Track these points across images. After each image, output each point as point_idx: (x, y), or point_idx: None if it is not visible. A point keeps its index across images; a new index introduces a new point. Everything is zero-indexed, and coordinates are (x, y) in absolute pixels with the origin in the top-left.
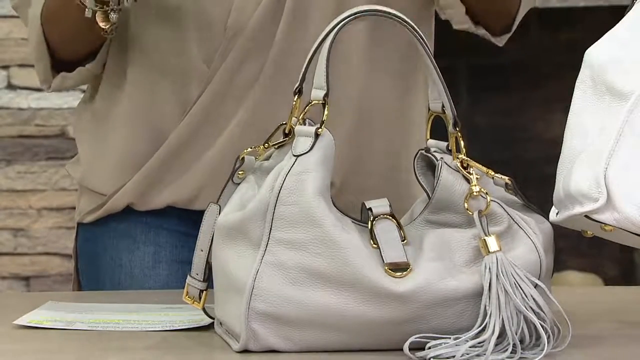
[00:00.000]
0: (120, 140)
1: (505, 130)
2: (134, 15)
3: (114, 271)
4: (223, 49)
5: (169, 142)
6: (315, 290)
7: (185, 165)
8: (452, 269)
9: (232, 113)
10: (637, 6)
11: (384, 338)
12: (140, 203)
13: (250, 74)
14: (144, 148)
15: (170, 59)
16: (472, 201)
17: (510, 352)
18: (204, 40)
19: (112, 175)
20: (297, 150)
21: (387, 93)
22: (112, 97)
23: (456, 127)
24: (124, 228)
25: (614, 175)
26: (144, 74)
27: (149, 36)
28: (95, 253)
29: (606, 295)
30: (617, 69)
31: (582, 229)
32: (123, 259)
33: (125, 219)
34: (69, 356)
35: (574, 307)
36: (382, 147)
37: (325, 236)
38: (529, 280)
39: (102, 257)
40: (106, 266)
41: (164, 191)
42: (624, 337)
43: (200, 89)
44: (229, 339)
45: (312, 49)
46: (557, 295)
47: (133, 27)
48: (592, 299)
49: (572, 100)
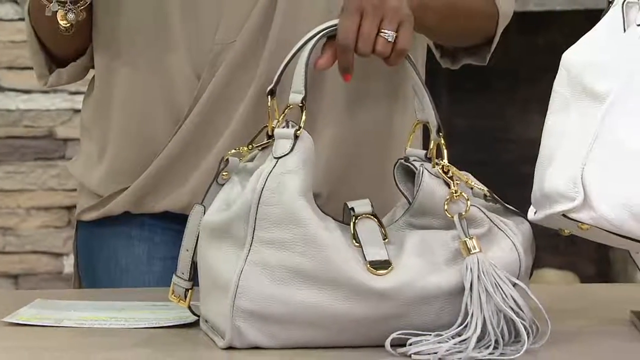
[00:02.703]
0: (114, 149)
1: (485, 132)
2: (124, 25)
3: (110, 268)
4: (212, 63)
5: (163, 155)
6: (299, 289)
7: (179, 177)
8: (432, 268)
9: (224, 125)
10: (612, 10)
11: (366, 335)
12: (136, 210)
13: (241, 87)
14: (137, 156)
15: (160, 71)
16: (452, 205)
17: (491, 349)
18: (193, 54)
19: (107, 178)
20: (277, 152)
21: (376, 102)
22: (105, 105)
23: (439, 134)
24: (120, 227)
25: (590, 175)
26: (135, 84)
27: (139, 46)
28: (92, 250)
29: (583, 292)
30: (593, 72)
31: (560, 227)
32: (119, 256)
33: (122, 219)
34: (58, 353)
35: (552, 304)
36: (371, 156)
37: (308, 235)
38: (509, 280)
39: (99, 254)
40: (103, 263)
41: (160, 201)
42: (600, 334)
43: (190, 102)
44: (214, 336)
45: (289, 55)
46: (535, 293)
47: (122, 37)
48: (570, 297)
49: (550, 101)
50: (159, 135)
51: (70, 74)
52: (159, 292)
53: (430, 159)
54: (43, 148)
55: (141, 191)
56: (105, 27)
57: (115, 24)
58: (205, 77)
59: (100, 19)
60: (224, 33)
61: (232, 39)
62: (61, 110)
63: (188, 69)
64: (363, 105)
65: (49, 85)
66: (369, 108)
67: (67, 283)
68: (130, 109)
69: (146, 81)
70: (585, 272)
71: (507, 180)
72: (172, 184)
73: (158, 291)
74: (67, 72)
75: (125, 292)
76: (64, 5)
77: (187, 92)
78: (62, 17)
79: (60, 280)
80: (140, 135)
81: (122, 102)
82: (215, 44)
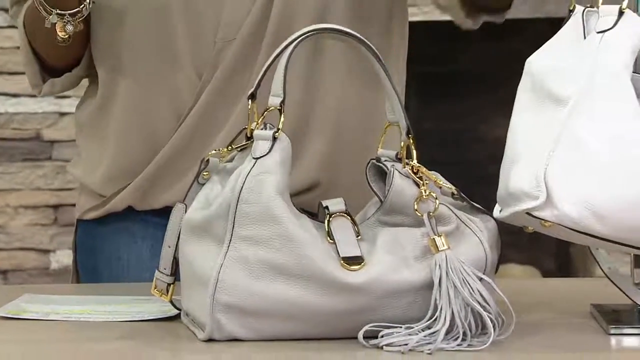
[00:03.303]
0: (116, 148)
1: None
2: (125, 24)
3: (112, 264)
4: (213, 62)
5: (165, 150)
6: (276, 283)
7: (181, 171)
8: (403, 263)
9: (224, 120)
10: (573, 18)
11: (340, 327)
12: (140, 205)
13: (240, 83)
14: (139, 154)
15: (163, 70)
16: (421, 204)
17: (459, 341)
18: (194, 53)
19: (110, 178)
20: (256, 153)
21: (372, 94)
22: (107, 105)
23: (409, 136)
24: (123, 225)
25: (553, 174)
26: (137, 83)
27: (142, 47)
28: (94, 247)
29: (545, 286)
30: (555, 76)
31: (524, 224)
32: (121, 253)
33: (125, 217)
34: (46, 345)
35: (516, 297)
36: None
37: (285, 232)
38: (476, 275)
39: (101, 251)
40: (105, 259)
41: (163, 194)
42: (562, 325)
43: (192, 99)
44: (195, 329)
45: (270, 60)
46: (500, 287)
47: (126, 37)
48: (533, 290)
49: (514, 104)
50: (162, 132)
51: (64, 84)
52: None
53: (400, 159)
54: (30, 149)
55: (143, 186)
56: (108, 33)
57: (118, 29)
58: (207, 75)
59: (98, 27)
60: (224, 31)
61: (232, 37)
62: (48, 114)
63: (190, 67)
64: (353, 103)
65: (43, 94)
66: (366, 100)
67: (54, 278)
68: (134, 107)
69: (149, 81)
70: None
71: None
72: (173, 179)
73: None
74: (60, 82)
75: (122, 287)
76: (63, 17)
77: (189, 89)
78: (60, 28)
79: (47, 276)
80: (143, 131)
81: (125, 101)
82: (217, 43)
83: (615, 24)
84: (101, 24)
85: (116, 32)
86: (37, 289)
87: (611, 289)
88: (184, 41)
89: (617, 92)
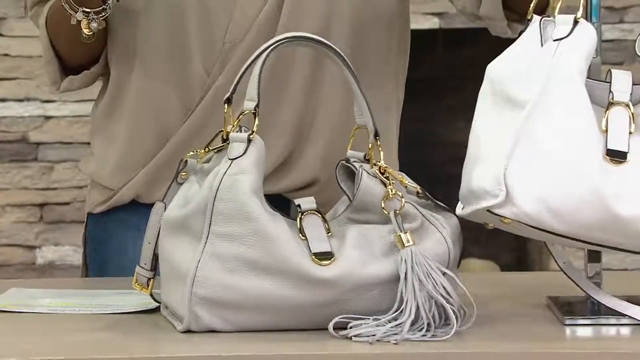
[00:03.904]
0: (127, 140)
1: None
2: (142, 24)
3: (119, 257)
4: (222, 61)
5: (171, 143)
6: (250, 277)
7: None
8: (371, 259)
9: None
10: (530, 27)
11: (311, 319)
12: (146, 196)
13: (245, 82)
14: (149, 147)
15: (174, 68)
16: (388, 202)
17: (424, 332)
18: (205, 52)
19: (119, 170)
20: (232, 154)
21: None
22: (120, 101)
23: (376, 138)
24: (130, 219)
25: (512, 174)
26: (150, 79)
27: (156, 45)
28: (102, 240)
29: (504, 280)
30: (514, 81)
31: (484, 221)
32: (128, 247)
33: (132, 211)
34: (32, 336)
35: (476, 290)
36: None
37: (259, 229)
38: (439, 270)
39: (109, 244)
40: (112, 253)
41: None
42: (520, 316)
43: (200, 95)
44: (174, 321)
45: (244, 67)
46: (462, 280)
47: (142, 35)
48: (492, 284)
49: (476, 108)
50: (171, 126)
51: (82, 81)
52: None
53: (368, 160)
54: (17, 151)
55: (150, 177)
56: (126, 31)
57: (135, 27)
58: (215, 73)
59: (118, 26)
60: (233, 33)
61: (240, 39)
62: (34, 117)
63: (199, 65)
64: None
65: (61, 90)
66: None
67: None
68: (146, 102)
69: (162, 78)
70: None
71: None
72: None
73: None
74: (78, 79)
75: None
76: (88, 15)
77: (198, 86)
78: (85, 25)
79: (33, 271)
80: (154, 124)
81: (137, 95)
82: (225, 44)
83: (570, 33)
84: (120, 22)
85: (133, 31)
86: (24, 284)
87: (566, 282)
88: (195, 41)
89: (572, 97)
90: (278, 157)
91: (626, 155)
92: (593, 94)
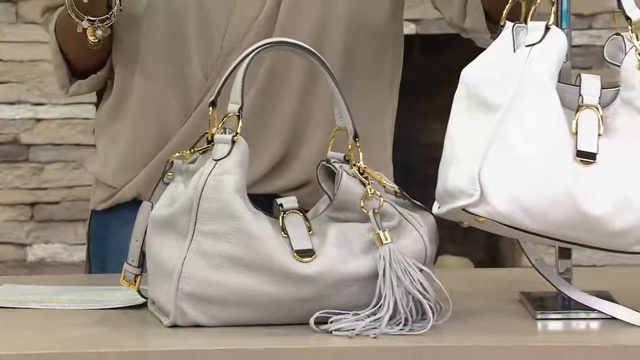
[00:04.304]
0: (129, 141)
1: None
2: (144, 29)
3: (120, 254)
4: (220, 64)
5: (171, 144)
6: (234, 274)
7: None
8: (350, 256)
9: None
10: (503, 33)
11: (293, 314)
12: (147, 194)
13: (245, 84)
14: (150, 148)
15: (174, 71)
16: (367, 201)
17: (402, 326)
18: (203, 55)
19: (121, 171)
20: (216, 155)
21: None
22: (123, 103)
23: (355, 140)
24: (132, 216)
25: (486, 174)
26: (151, 82)
27: (158, 49)
28: (104, 236)
29: (478, 276)
30: (488, 85)
31: (460, 220)
32: (128, 244)
33: (134, 208)
34: (24, 331)
35: (452, 286)
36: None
37: (243, 228)
38: (416, 266)
39: (110, 241)
40: (113, 249)
41: None
42: (494, 311)
43: (199, 98)
44: (160, 316)
45: (228, 71)
46: (438, 277)
47: (142, 40)
48: (467, 280)
49: (451, 111)
50: (171, 127)
51: (90, 85)
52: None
53: (348, 161)
54: (9, 152)
55: (151, 176)
56: (128, 39)
57: (136, 35)
58: (213, 76)
59: (122, 32)
60: (231, 37)
61: (238, 42)
62: (25, 120)
63: (198, 69)
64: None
65: (70, 94)
66: (359, 109)
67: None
68: (148, 104)
69: (163, 81)
70: (479, 258)
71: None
72: None
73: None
74: (86, 84)
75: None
76: (93, 23)
77: (197, 89)
78: (91, 33)
79: (24, 267)
80: (155, 125)
81: (140, 98)
82: (223, 48)
83: (542, 39)
84: (123, 29)
85: (135, 36)
86: (15, 280)
87: (537, 278)
88: (194, 44)
89: (543, 100)
90: (274, 156)
91: (595, 157)
92: (564, 97)
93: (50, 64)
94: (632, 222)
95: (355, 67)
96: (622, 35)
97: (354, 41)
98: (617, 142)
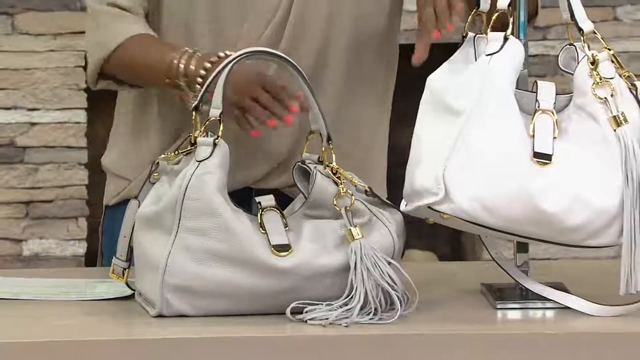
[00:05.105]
0: (154, 139)
1: None
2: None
3: None
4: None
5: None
6: (216, 267)
7: None
8: (324, 250)
9: None
10: (466, 43)
11: (271, 305)
12: None
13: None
14: (169, 144)
15: None
16: (340, 200)
17: (372, 315)
18: None
19: (141, 164)
20: (199, 156)
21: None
22: (146, 104)
23: (329, 142)
24: None
25: (450, 174)
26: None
27: None
28: (115, 230)
29: (442, 269)
30: (451, 92)
31: (426, 217)
32: None
33: None
34: (17, 320)
35: (418, 278)
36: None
37: (223, 224)
38: (385, 260)
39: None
40: None
41: None
42: (457, 301)
43: None
44: (147, 306)
45: (209, 79)
46: (405, 269)
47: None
48: (432, 272)
49: (418, 116)
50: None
51: (118, 89)
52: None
53: (322, 162)
54: (5, 154)
55: None
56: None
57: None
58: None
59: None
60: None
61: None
62: (20, 124)
63: None
64: (352, 108)
65: (98, 88)
66: (358, 110)
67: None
68: (169, 106)
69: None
70: (442, 252)
71: None
72: None
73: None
74: (114, 86)
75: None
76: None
77: None
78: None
79: (20, 262)
80: (175, 125)
81: (162, 100)
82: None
83: (501, 48)
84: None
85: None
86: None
87: (497, 270)
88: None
89: (503, 105)
90: (280, 155)
91: (551, 157)
92: (521, 102)
93: (44, 73)
94: (585, 219)
95: (357, 76)
96: (574, 45)
97: (356, 57)
98: (571, 144)
